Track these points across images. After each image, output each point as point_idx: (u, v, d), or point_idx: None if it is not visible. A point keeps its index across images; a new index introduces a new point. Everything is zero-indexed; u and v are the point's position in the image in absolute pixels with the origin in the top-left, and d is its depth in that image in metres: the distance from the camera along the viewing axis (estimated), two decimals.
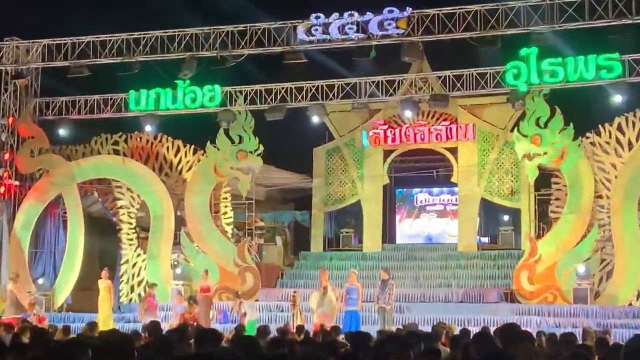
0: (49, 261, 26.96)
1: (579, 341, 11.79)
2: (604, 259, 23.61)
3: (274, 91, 25.78)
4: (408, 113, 25.85)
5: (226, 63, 25.32)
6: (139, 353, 6.51)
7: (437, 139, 27.52)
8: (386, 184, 28.65)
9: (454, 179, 27.93)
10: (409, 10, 23.92)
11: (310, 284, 24.81)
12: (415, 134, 27.63)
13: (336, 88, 25.45)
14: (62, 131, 27.02)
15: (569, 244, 23.69)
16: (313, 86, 25.56)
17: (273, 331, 14.33)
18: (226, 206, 27.02)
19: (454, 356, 8.91)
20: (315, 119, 25.99)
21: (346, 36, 24.36)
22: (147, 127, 26.54)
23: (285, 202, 32.31)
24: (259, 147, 26.13)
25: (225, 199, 27.08)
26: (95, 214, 28.10)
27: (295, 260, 28.53)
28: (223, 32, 25.25)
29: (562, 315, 22.07)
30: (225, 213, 27.00)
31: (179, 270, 25.49)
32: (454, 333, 13.33)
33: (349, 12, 24.34)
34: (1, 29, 26.90)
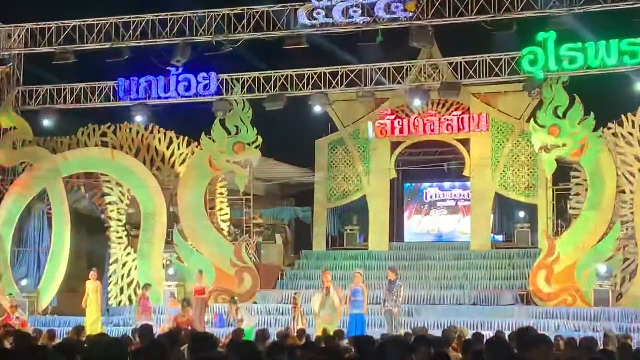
0: (33, 261, 27.03)
1: (600, 346, 11.83)
2: (627, 258, 23.65)
3: (273, 79, 25.78)
4: (417, 102, 25.88)
5: (222, 49, 25.35)
6: (130, 358, 6.54)
7: (448, 130, 27.53)
8: (394, 179, 28.68)
9: (466, 172, 27.97)
10: None
11: (312, 285, 24.85)
12: (424, 124, 27.65)
13: (340, 76, 25.45)
14: (46, 122, 27.05)
15: (589, 242, 23.71)
16: (315, 74, 25.56)
17: (273, 336, 14.37)
18: (222, 202, 27.07)
19: None
20: (318, 108, 25.99)
21: (351, 20, 24.37)
22: (138, 118, 26.56)
23: (286, 198, 32.34)
24: (257, 139, 26.17)
25: (222, 194, 27.13)
26: (82, 210, 28.16)
27: (296, 260, 28.58)
28: (219, 15, 25.27)
29: (582, 318, 22.12)
30: (222, 209, 27.05)
31: (171, 271, 25.54)
32: (466, 338, 13.38)
33: None
34: None
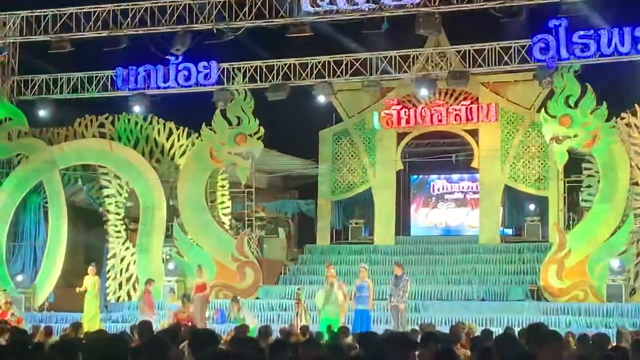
0: (29, 255, 27.10)
1: (613, 343, 11.83)
2: None
3: (275, 68, 25.78)
4: (424, 92, 25.85)
5: (223, 37, 25.33)
6: (130, 356, 6.56)
7: (456, 120, 27.49)
8: (400, 170, 28.66)
9: (474, 164, 27.94)
10: None
11: (315, 280, 24.88)
12: (431, 114, 27.60)
13: (344, 64, 25.44)
14: (42, 112, 27.06)
15: (601, 236, 23.70)
16: (319, 62, 25.54)
17: (275, 332, 14.41)
18: (223, 195, 27.09)
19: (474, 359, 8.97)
20: (322, 98, 25.98)
21: (355, 7, 24.34)
22: (136, 108, 26.55)
23: (289, 191, 32.34)
24: (259, 129, 26.17)
25: (223, 187, 27.13)
26: (79, 203, 28.20)
27: (300, 255, 28.60)
28: (219, 2, 25.22)
29: (594, 314, 22.14)
30: (223, 202, 27.06)
31: (171, 266, 25.58)
32: (474, 334, 13.40)
33: None
34: None
